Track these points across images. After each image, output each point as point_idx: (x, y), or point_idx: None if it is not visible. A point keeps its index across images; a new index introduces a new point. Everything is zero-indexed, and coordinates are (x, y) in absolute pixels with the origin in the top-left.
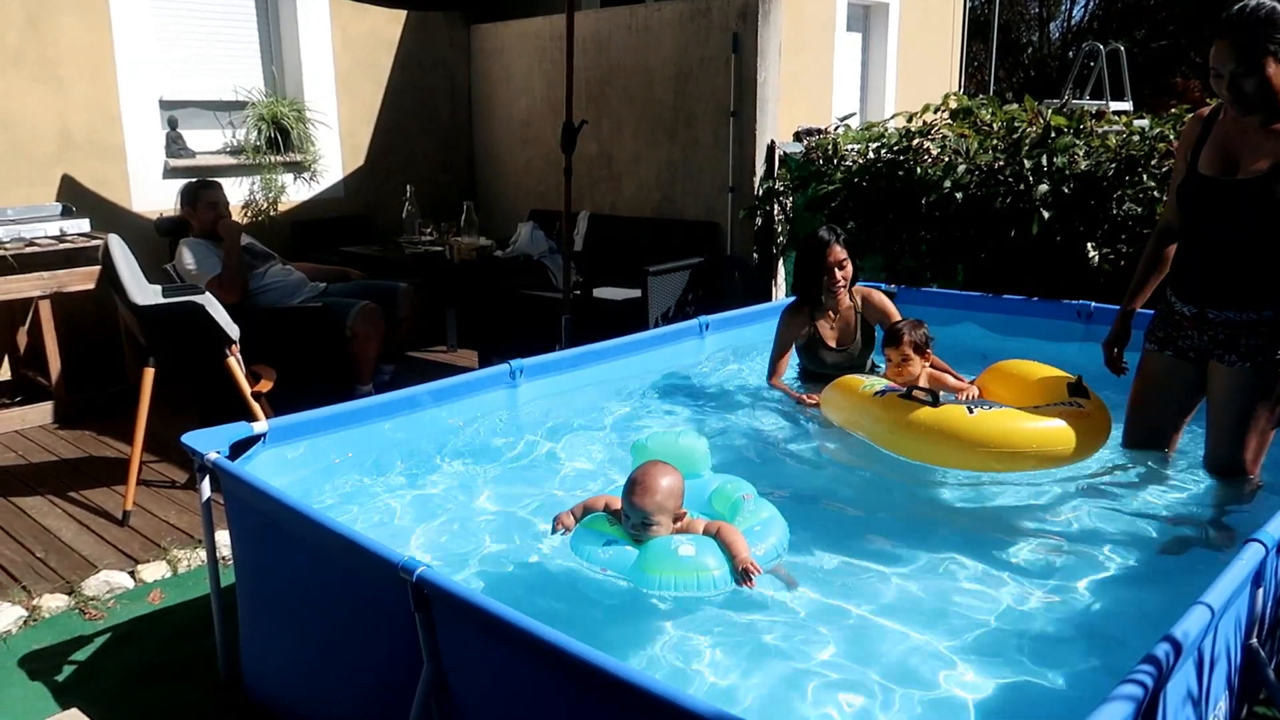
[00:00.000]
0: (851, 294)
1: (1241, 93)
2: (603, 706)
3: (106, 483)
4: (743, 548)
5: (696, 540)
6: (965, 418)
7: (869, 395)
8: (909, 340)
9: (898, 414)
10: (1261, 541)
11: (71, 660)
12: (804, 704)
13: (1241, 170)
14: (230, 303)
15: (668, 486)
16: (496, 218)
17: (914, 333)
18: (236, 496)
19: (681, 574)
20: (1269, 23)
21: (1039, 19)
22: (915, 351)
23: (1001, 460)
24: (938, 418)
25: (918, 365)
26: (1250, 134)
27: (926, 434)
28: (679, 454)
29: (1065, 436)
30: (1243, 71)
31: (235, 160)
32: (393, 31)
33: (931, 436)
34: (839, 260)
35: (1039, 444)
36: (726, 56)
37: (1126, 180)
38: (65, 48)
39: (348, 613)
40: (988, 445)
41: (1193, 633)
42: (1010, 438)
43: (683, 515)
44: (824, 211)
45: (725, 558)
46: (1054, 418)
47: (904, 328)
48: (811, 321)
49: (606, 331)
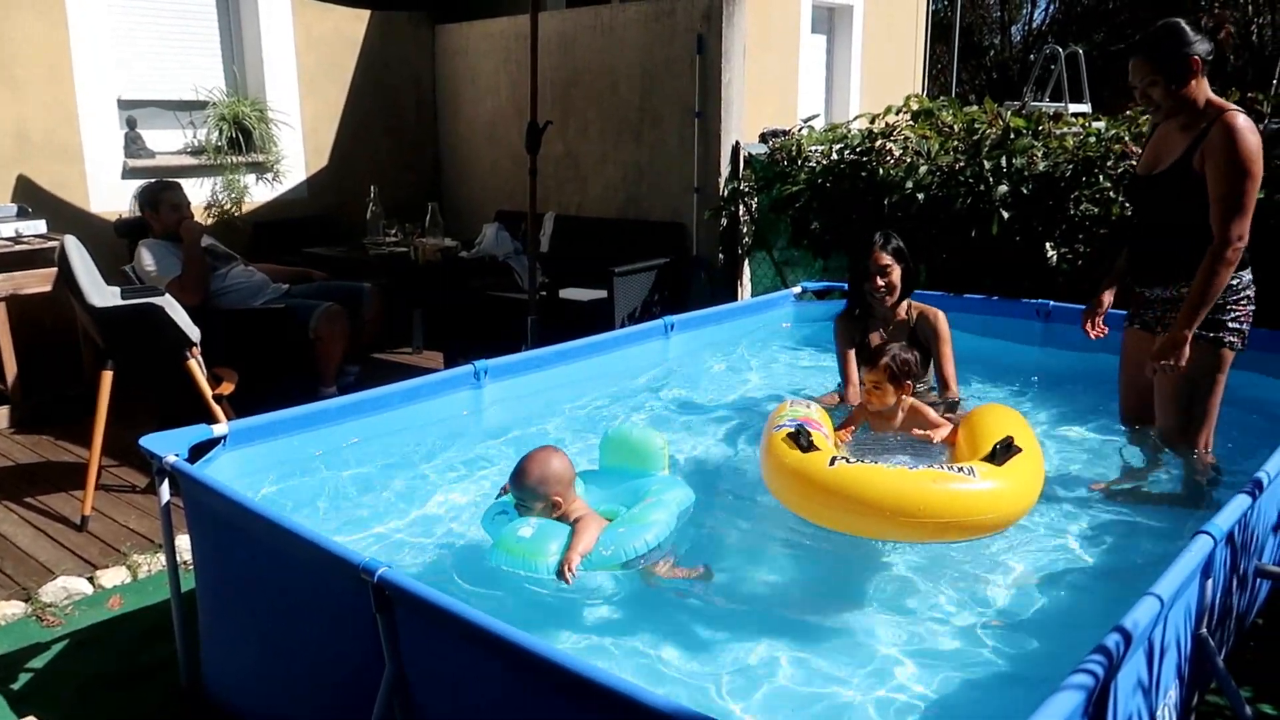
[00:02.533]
0: (909, 308)
1: (1151, 100)
2: (566, 704)
3: (64, 488)
4: (578, 544)
5: (546, 527)
6: (822, 469)
7: (771, 424)
8: (886, 365)
9: (773, 450)
10: (1210, 534)
11: (28, 668)
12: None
13: (1160, 165)
14: (191, 304)
15: (540, 474)
16: (463, 219)
17: (897, 359)
18: (196, 499)
19: (514, 554)
20: (1170, 36)
21: (1001, 22)
22: (891, 381)
23: (856, 522)
24: (798, 464)
25: (891, 396)
26: (1171, 135)
27: (787, 480)
28: (634, 449)
29: (929, 504)
30: (1149, 83)
31: (196, 161)
32: (356, 31)
33: (789, 483)
34: (881, 266)
35: (893, 509)
36: (691, 57)
37: (1083, 181)
38: (21, 47)
39: (309, 615)
40: (840, 503)
41: (1142, 623)
42: (863, 496)
43: (559, 504)
44: (788, 212)
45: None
46: (935, 480)
47: (889, 350)
48: (864, 332)
49: (573, 332)
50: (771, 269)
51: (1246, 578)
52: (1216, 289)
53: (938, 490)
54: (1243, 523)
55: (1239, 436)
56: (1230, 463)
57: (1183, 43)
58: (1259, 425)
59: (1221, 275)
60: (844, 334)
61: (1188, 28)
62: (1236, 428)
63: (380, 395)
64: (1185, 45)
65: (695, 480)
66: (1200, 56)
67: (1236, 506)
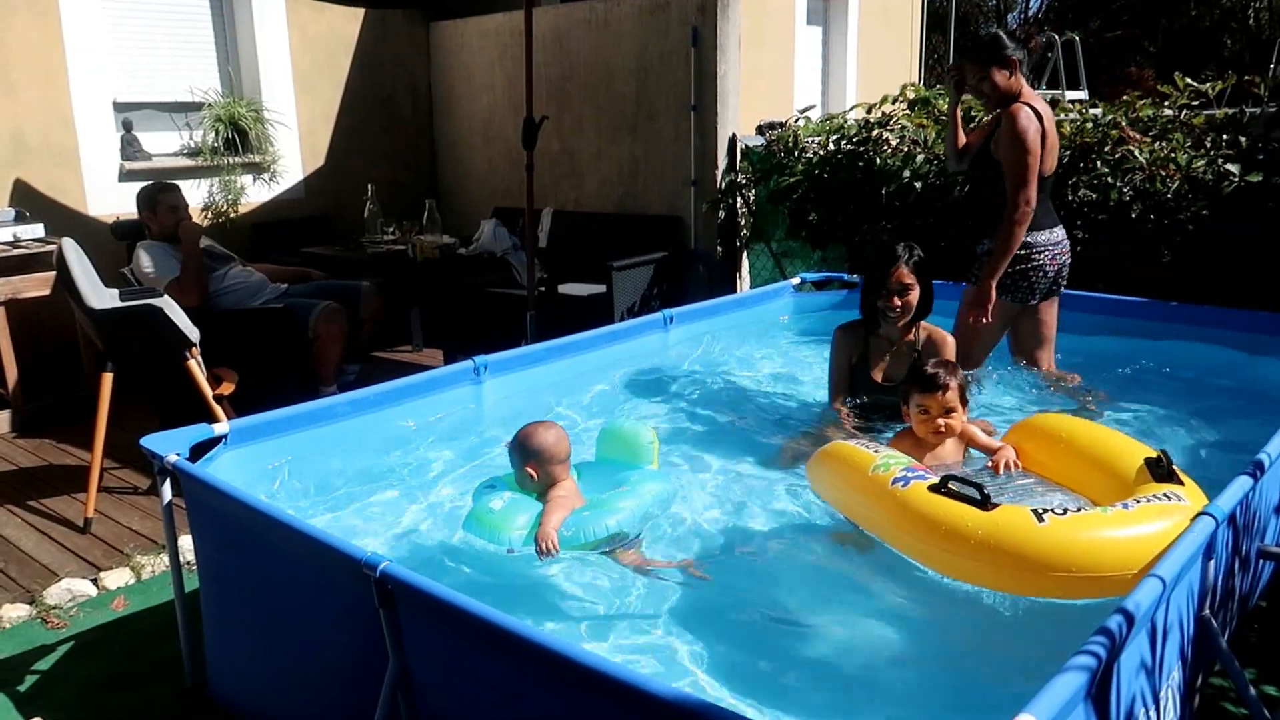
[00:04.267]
0: (918, 329)
1: (982, 93)
2: (570, 695)
3: (67, 491)
4: (549, 520)
5: (518, 502)
6: (1035, 530)
7: (884, 483)
8: (957, 385)
9: (932, 517)
10: (1212, 515)
11: (34, 670)
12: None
13: (975, 149)
14: (190, 306)
15: (537, 443)
16: (461, 216)
17: (957, 375)
18: (197, 498)
19: (482, 523)
20: (993, 43)
21: (997, 10)
22: (964, 401)
23: (1088, 586)
24: (996, 528)
25: (959, 419)
26: (988, 123)
27: (978, 552)
28: (625, 443)
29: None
30: (979, 79)
31: (193, 162)
32: (351, 30)
33: (986, 555)
34: (903, 284)
35: (1134, 566)
36: (686, 51)
37: (1081, 167)
38: (15, 50)
39: (312, 612)
40: (1072, 569)
41: (1145, 604)
42: (1106, 557)
43: (549, 475)
44: (786, 204)
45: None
46: (1153, 519)
47: (942, 370)
48: (865, 345)
49: (572, 327)
50: (770, 261)
51: (1249, 559)
52: (1013, 244)
53: (1181, 525)
54: (1245, 504)
55: (1240, 418)
56: (1231, 444)
57: (1002, 47)
58: (1260, 407)
59: (1014, 233)
60: (842, 347)
61: (1005, 37)
62: (1237, 408)
63: (379, 392)
64: (1004, 49)
65: (691, 472)
66: (1017, 59)
67: (1238, 488)
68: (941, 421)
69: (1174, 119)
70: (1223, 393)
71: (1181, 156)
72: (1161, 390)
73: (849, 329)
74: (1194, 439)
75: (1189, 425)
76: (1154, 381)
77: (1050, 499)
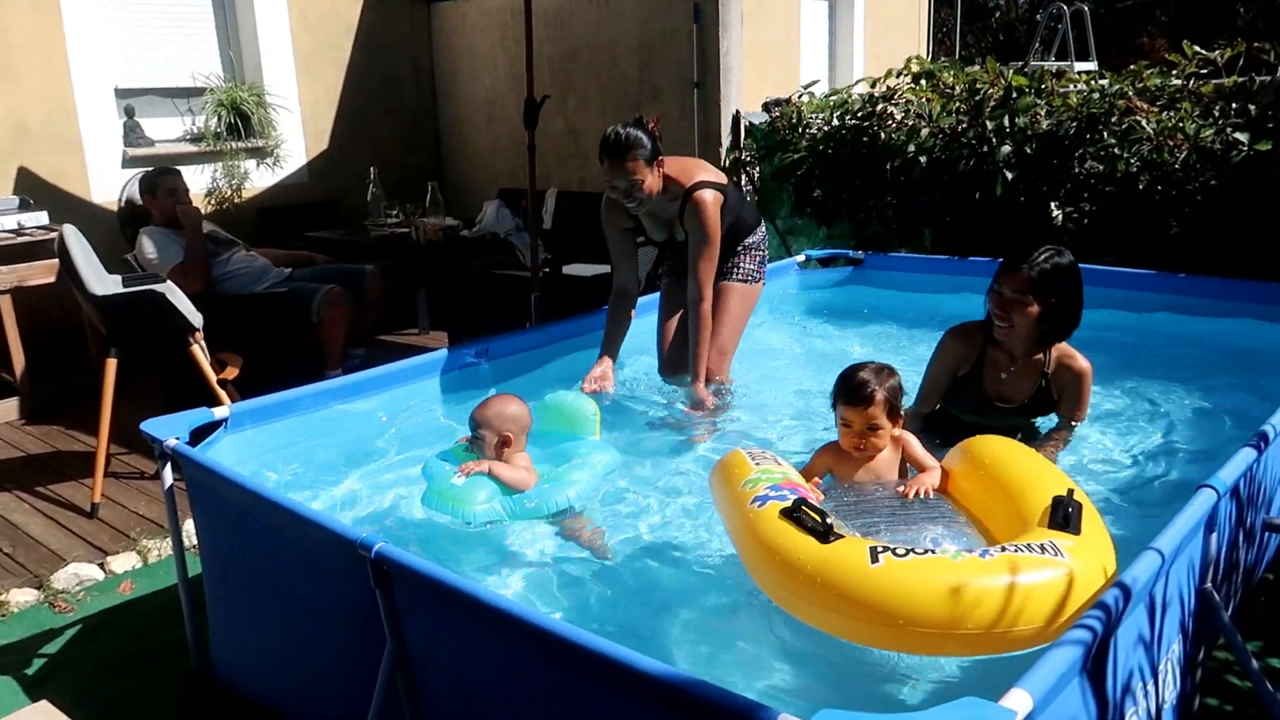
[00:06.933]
0: (1050, 352)
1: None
2: (567, 675)
3: (74, 476)
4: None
5: (477, 478)
6: (864, 570)
7: (744, 502)
8: (883, 399)
9: (769, 541)
10: (1214, 487)
11: (41, 653)
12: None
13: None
14: (194, 291)
15: (498, 410)
16: (466, 198)
17: (886, 385)
18: (198, 482)
19: (444, 498)
20: (636, 141)
21: None
22: (889, 414)
23: (921, 642)
24: (825, 564)
25: (886, 437)
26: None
27: (805, 589)
28: (566, 415)
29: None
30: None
31: (196, 148)
32: (352, 12)
33: (812, 594)
34: (1006, 299)
35: (971, 625)
36: (689, 28)
37: (1088, 138)
38: (15, 38)
39: (311, 594)
40: (898, 619)
41: (1142, 578)
42: (934, 610)
43: (508, 442)
44: (790, 180)
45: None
46: (1002, 573)
47: (871, 378)
48: (981, 354)
49: (577, 308)
50: (775, 238)
51: (1254, 532)
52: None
53: (1040, 585)
54: (1249, 476)
55: (1248, 390)
56: (1236, 416)
57: (645, 143)
58: (1269, 380)
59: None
60: (950, 351)
61: (644, 135)
62: (1246, 381)
63: (381, 374)
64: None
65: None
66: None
67: (1242, 459)
68: (861, 440)
69: (1182, 88)
70: (1231, 365)
71: (1190, 126)
72: (1169, 363)
73: (965, 334)
74: (1201, 411)
75: (1195, 397)
76: (1162, 353)
77: (921, 534)
